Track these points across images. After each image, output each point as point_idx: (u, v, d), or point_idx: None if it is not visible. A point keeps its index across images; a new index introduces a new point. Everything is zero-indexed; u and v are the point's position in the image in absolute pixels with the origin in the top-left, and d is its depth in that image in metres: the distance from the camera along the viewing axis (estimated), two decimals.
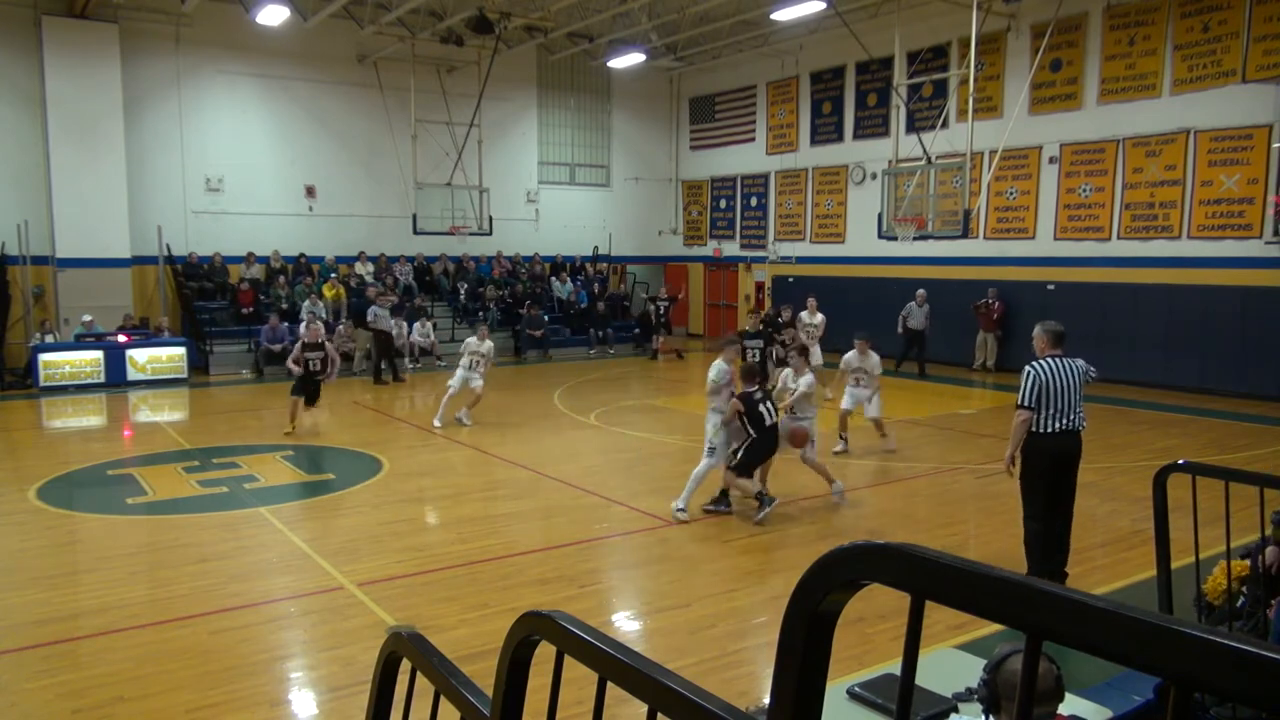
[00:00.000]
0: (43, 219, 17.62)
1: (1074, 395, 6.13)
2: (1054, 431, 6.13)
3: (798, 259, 22.69)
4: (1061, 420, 6.11)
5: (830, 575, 0.94)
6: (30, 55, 17.32)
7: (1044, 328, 6.32)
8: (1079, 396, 6.17)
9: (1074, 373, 6.16)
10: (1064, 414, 6.11)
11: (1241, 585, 4.35)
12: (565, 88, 24.24)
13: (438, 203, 20.03)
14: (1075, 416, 6.15)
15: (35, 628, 5.72)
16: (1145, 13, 15.77)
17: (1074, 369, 6.17)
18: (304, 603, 6.21)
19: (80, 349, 16.18)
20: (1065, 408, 6.11)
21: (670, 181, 26.30)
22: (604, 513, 8.45)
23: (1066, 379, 6.12)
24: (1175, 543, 3.68)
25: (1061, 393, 6.11)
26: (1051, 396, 6.10)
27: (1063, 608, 0.77)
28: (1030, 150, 17.48)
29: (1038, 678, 2.74)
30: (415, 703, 1.89)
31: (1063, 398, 6.11)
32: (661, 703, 1.11)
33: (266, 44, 19.39)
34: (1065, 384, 6.11)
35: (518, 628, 1.45)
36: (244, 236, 19.71)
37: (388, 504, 8.72)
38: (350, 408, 14.50)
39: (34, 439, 12.60)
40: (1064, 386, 6.11)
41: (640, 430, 12.31)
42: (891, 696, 3.22)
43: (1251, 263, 14.56)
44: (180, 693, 4.83)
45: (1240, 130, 14.66)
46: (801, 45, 21.54)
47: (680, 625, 5.83)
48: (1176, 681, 0.75)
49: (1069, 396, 6.11)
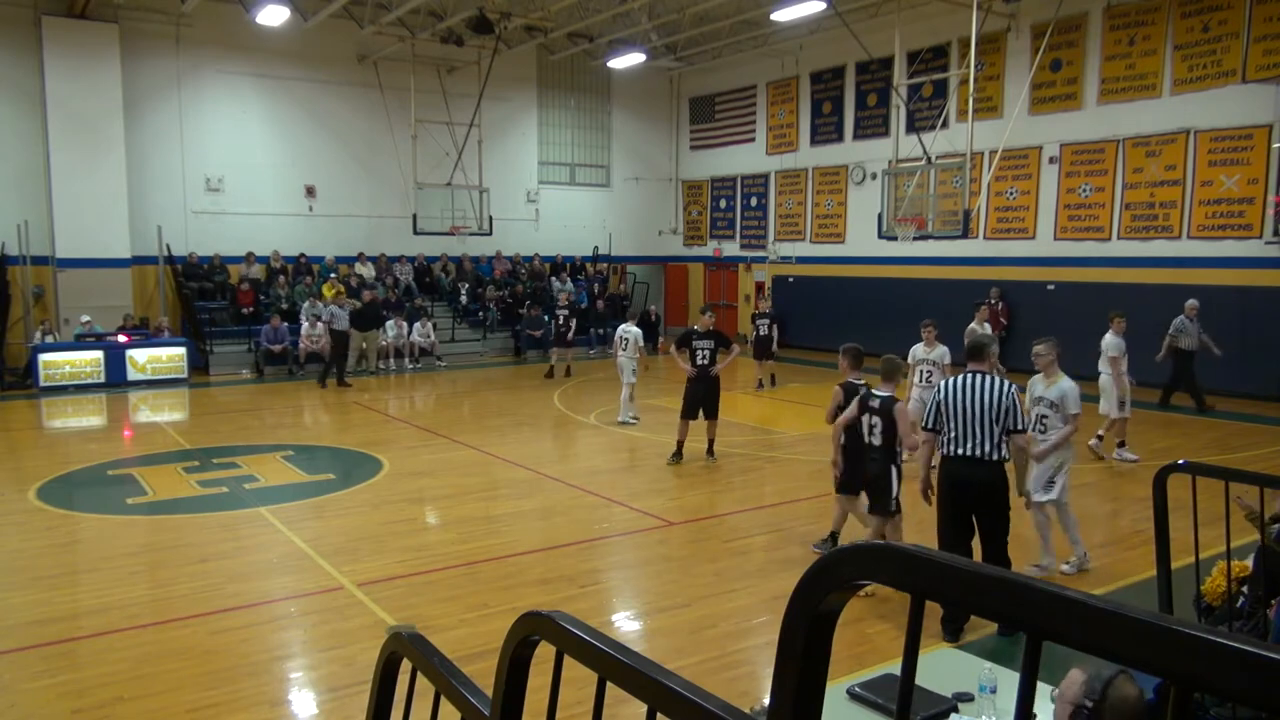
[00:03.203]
0: (43, 219, 17.62)
1: (983, 418, 5.53)
2: (953, 456, 5.65)
3: (798, 259, 22.69)
4: (965, 446, 5.57)
5: (830, 575, 0.94)
6: (30, 55, 17.31)
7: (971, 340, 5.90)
8: (992, 420, 5.52)
9: (986, 393, 5.56)
10: (962, 440, 5.58)
11: (1241, 585, 4.35)
12: (565, 88, 24.24)
13: (438, 203, 20.04)
14: (978, 443, 5.54)
15: (35, 628, 5.72)
16: (1145, 13, 15.77)
17: (987, 390, 5.57)
18: (304, 603, 6.20)
19: (80, 349, 16.18)
20: (964, 432, 5.57)
21: (670, 181, 26.29)
22: (604, 513, 8.45)
23: (969, 400, 5.57)
24: (1175, 543, 3.68)
25: (962, 414, 5.58)
26: (949, 415, 5.64)
27: (1063, 608, 0.77)
28: (1030, 150, 17.48)
29: (1130, 701, 2.61)
30: (415, 703, 1.89)
31: (961, 420, 5.58)
32: (661, 703, 1.11)
33: (266, 44, 19.39)
34: (967, 405, 5.57)
35: (518, 628, 1.45)
36: (244, 236, 19.71)
37: (388, 504, 8.72)
38: (350, 407, 14.50)
39: (34, 439, 12.60)
40: (965, 407, 5.58)
41: (640, 430, 12.31)
42: (891, 696, 3.22)
43: (1251, 263, 14.56)
44: (180, 692, 4.83)
45: (1240, 130, 14.65)
46: (801, 45, 21.54)
47: (680, 625, 5.83)
48: (1176, 681, 0.76)
49: (970, 420, 5.55)
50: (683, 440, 10.22)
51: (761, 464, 10.48)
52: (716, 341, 10.23)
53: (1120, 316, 10.46)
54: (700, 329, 10.35)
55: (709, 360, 10.14)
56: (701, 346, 10.16)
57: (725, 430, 11.40)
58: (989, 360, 5.82)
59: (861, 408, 6.43)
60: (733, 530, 7.87)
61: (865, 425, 6.37)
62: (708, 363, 10.14)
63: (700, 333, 10.29)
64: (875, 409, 6.32)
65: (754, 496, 8.90)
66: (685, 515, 8.27)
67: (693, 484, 9.55)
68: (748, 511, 8.42)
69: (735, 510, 8.52)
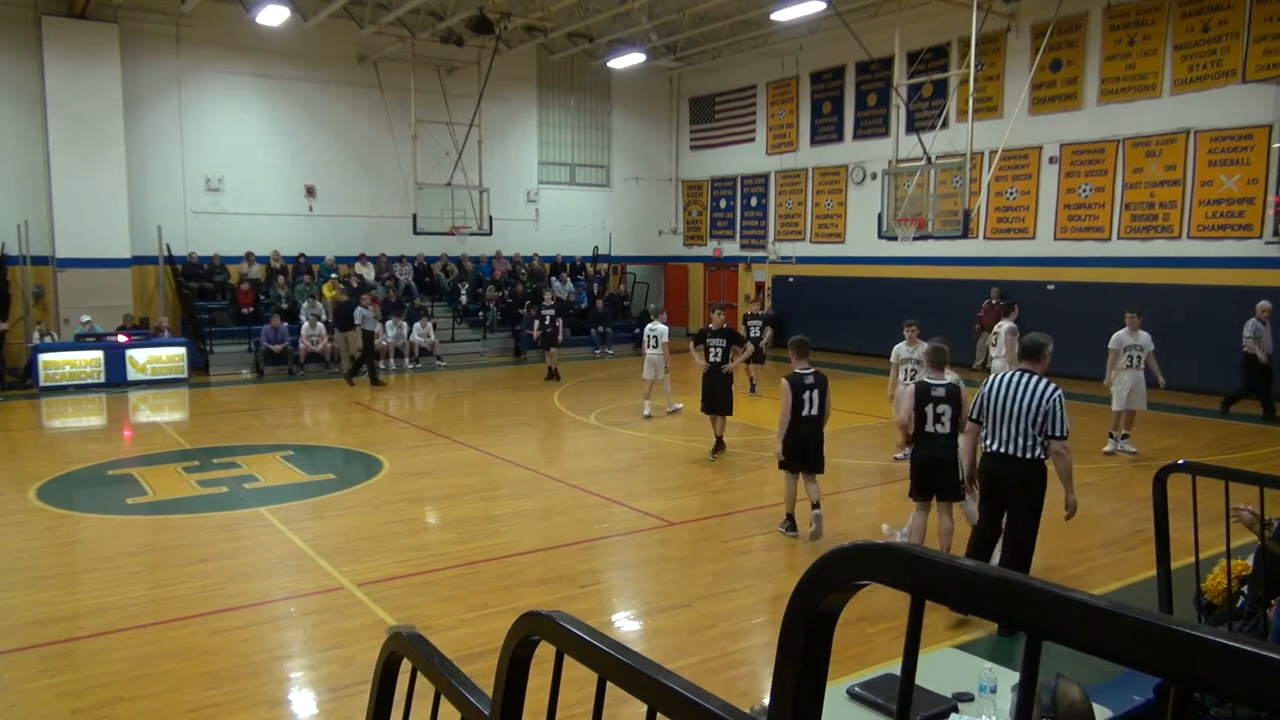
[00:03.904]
0: (43, 219, 17.62)
1: (1021, 419, 5.58)
2: (989, 451, 5.78)
3: (798, 259, 22.69)
4: (1001, 444, 5.67)
5: (830, 575, 0.94)
6: (30, 55, 17.32)
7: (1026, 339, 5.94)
8: (1029, 422, 5.56)
9: (1028, 394, 5.59)
10: (1000, 438, 5.67)
11: (1242, 585, 4.35)
12: (565, 88, 24.24)
13: (438, 203, 20.05)
14: (1011, 440, 5.61)
15: (35, 628, 5.72)
16: (1145, 13, 15.77)
17: (1030, 390, 5.59)
18: (304, 603, 6.20)
19: (80, 349, 16.18)
20: (1000, 429, 5.67)
21: (670, 181, 26.29)
22: (604, 513, 8.45)
23: (1012, 400, 5.62)
24: (1175, 543, 3.68)
25: (1001, 413, 5.66)
26: (990, 413, 5.73)
27: (1063, 608, 0.77)
28: (1030, 150, 17.48)
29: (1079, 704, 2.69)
30: (415, 703, 1.89)
31: (1000, 417, 5.66)
32: (661, 703, 1.11)
33: (266, 44, 19.39)
34: (1009, 404, 5.63)
35: (518, 628, 1.45)
36: (244, 236, 19.72)
37: (388, 504, 8.72)
38: (351, 407, 14.50)
39: (34, 439, 12.60)
40: (1006, 407, 5.64)
41: (640, 430, 12.31)
42: (891, 696, 3.22)
43: (1251, 263, 14.56)
44: (180, 693, 4.83)
45: (1240, 130, 14.66)
46: (801, 45, 21.54)
47: (680, 625, 5.83)
48: (1176, 681, 0.75)
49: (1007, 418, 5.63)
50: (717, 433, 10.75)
51: (761, 464, 10.47)
52: (729, 339, 10.73)
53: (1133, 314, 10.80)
54: (714, 327, 10.87)
55: (722, 358, 10.62)
56: (715, 344, 10.67)
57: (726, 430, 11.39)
58: (1043, 361, 5.76)
59: (924, 398, 6.39)
60: (733, 530, 7.87)
61: (931, 415, 6.36)
62: (720, 359, 10.61)
63: (714, 331, 10.82)
64: (941, 397, 6.34)
65: (754, 496, 8.90)
66: (685, 515, 8.27)
67: (693, 484, 9.56)
68: (748, 511, 8.42)
69: (735, 510, 8.52)
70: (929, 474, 6.44)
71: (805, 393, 7.36)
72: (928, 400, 6.37)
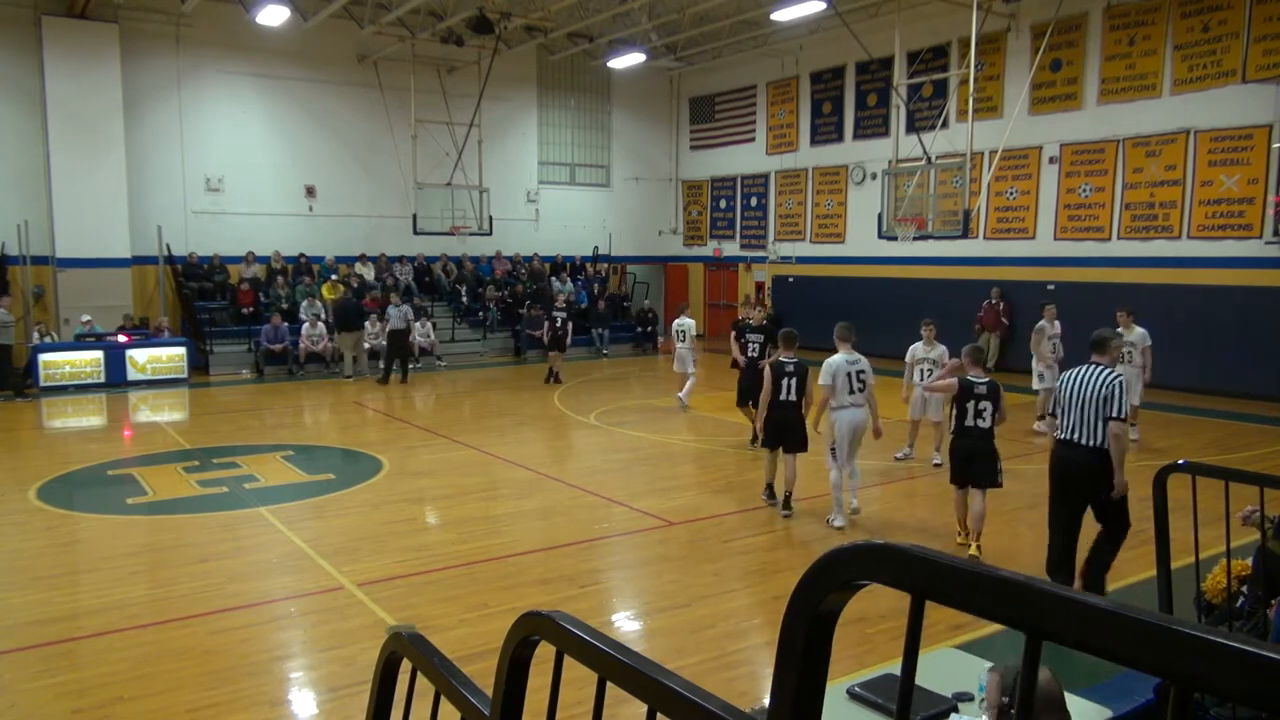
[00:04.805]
0: (43, 219, 17.62)
1: (1087, 406, 5.88)
2: (1060, 440, 6.07)
3: (798, 259, 22.69)
4: (1069, 431, 5.99)
5: (830, 575, 0.94)
6: (30, 55, 17.31)
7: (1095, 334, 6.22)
8: (1095, 408, 5.86)
9: (1094, 381, 5.89)
10: (1068, 425, 5.98)
11: (1242, 585, 4.36)
12: (565, 88, 24.24)
13: (438, 203, 20.04)
14: (1083, 429, 5.90)
15: (35, 628, 5.72)
16: (1145, 13, 15.77)
17: (1095, 379, 5.90)
18: (304, 603, 6.20)
19: (80, 349, 16.18)
20: (1070, 418, 5.97)
21: (670, 181, 26.30)
22: (604, 513, 8.45)
23: (1080, 388, 5.93)
24: (1175, 543, 3.68)
25: (1071, 401, 5.96)
26: (1062, 403, 6.03)
27: (1063, 608, 0.77)
28: (1030, 150, 17.48)
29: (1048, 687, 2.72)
30: (415, 703, 1.89)
31: (1070, 407, 5.97)
32: (661, 703, 1.11)
33: (266, 44, 19.39)
34: (1077, 392, 5.93)
35: (518, 628, 1.45)
36: (244, 236, 19.71)
37: (388, 504, 8.72)
38: (350, 407, 14.50)
39: (34, 439, 12.60)
40: (1075, 395, 5.94)
41: (640, 430, 12.31)
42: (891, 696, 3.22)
43: (1251, 263, 14.56)
44: (180, 692, 4.83)
45: (1240, 130, 14.65)
46: (801, 45, 21.54)
47: (680, 625, 5.83)
48: (1176, 681, 0.75)
49: (1075, 407, 5.93)
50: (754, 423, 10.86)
51: (760, 463, 10.46)
52: (767, 337, 10.90)
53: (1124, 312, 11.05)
54: (754, 323, 11.18)
55: (759, 354, 10.76)
56: (753, 340, 10.90)
57: (725, 430, 11.39)
58: (1110, 353, 6.08)
59: (967, 394, 6.84)
60: (733, 530, 7.87)
61: (972, 410, 6.82)
62: (758, 355, 10.77)
63: (754, 327, 11.08)
64: (984, 394, 6.82)
65: (754, 496, 8.89)
66: (685, 515, 8.27)
67: (693, 484, 9.56)
68: (748, 511, 8.42)
69: (735, 510, 8.52)
70: (968, 462, 6.91)
71: (785, 379, 8.02)
72: (970, 396, 6.82)
